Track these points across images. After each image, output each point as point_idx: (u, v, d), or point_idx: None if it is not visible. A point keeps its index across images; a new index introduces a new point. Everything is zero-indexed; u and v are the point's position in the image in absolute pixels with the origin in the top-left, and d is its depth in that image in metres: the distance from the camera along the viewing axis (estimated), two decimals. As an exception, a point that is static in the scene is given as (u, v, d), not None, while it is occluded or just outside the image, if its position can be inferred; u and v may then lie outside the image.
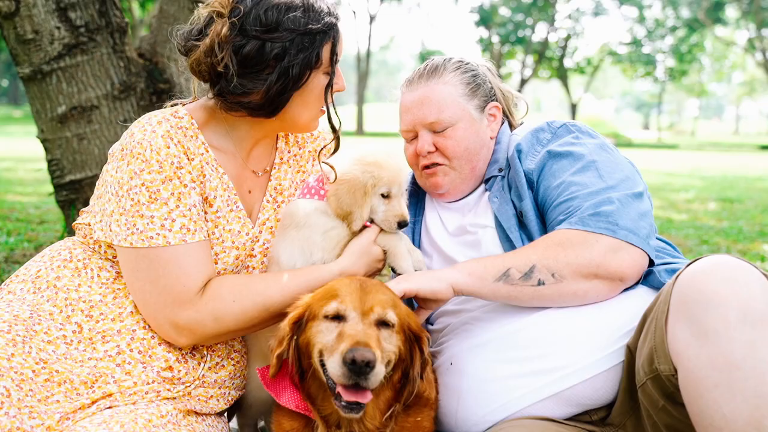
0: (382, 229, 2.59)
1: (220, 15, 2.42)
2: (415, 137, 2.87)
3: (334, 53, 2.51)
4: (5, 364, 2.21)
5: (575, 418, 2.44)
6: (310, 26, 2.41)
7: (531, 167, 2.68)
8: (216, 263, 2.53)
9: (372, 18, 57.32)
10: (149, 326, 2.46)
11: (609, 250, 2.39)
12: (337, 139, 2.67)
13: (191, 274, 2.40)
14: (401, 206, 2.55)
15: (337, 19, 2.52)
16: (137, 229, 2.37)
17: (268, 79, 2.41)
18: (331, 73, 2.53)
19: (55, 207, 7.57)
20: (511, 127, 3.01)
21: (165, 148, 2.40)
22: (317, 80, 2.51)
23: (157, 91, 4.97)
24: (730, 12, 48.35)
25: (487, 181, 2.85)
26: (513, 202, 2.70)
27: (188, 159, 2.46)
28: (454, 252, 2.81)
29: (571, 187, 2.55)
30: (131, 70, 4.86)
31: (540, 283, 2.39)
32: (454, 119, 2.79)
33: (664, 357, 2.14)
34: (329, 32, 2.48)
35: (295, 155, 2.85)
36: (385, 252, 2.59)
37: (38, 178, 11.67)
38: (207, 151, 2.54)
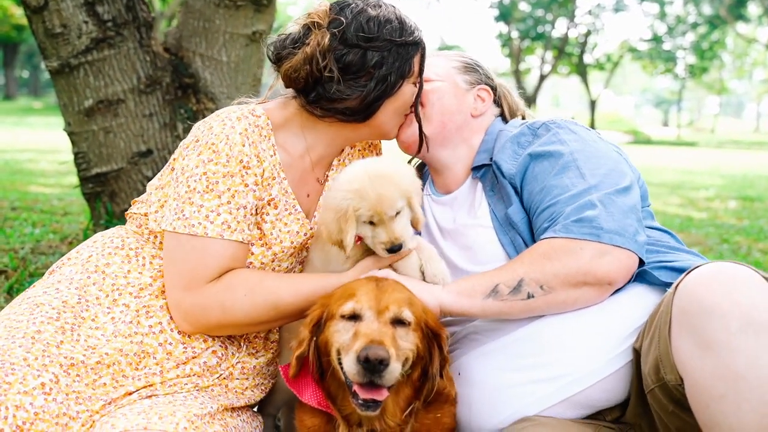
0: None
1: (318, 26, 2.55)
2: None
3: (422, 65, 2.69)
4: (54, 351, 2.30)
5: (590, 418, 2.45)
6: (404, 38, 2.59)
7: (512, 172, 2.67)
8: (273, 261, 2.63)
9: (391, 12, 57.03)
10: None
11: (595, 256, 2.38)
12: (421, 140, 2.82)
13: (210, 266, 2.46)
14: (387, 233, 2.42)
15: (423, 35, 2.69)
16: (184, 215, 2.45)
17: (367, 86, 2.56)
18: (419, 84, 2.70)
19: (78, 198, 7.65)
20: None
21: (240, 146, 2.48)
22: (407, 89, 2.67)
23: (182, 86, 5.03)
24: (753, 9, 47.69)
25: (477, 168, 2.84)
26: (504, 202, 2.71)
27: (258, 161, 2.53)
28: (450, 252, 2.80)
29: (553, 190, 2.54)
30: (157, 64, 4.92)
31: (530, 296, 2.39)
32: (436, 77, 2.87)
33: (670, 367, 2.15)
34: (419, 45, 2.67)
35: (348, 154, 2.92)
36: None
37: (60, 170, 11.76)
38: (275, 154, 2.61)
